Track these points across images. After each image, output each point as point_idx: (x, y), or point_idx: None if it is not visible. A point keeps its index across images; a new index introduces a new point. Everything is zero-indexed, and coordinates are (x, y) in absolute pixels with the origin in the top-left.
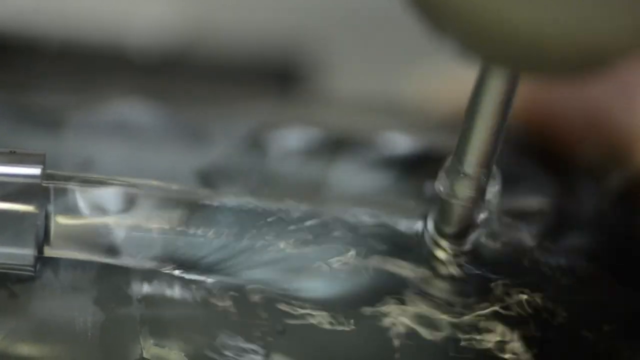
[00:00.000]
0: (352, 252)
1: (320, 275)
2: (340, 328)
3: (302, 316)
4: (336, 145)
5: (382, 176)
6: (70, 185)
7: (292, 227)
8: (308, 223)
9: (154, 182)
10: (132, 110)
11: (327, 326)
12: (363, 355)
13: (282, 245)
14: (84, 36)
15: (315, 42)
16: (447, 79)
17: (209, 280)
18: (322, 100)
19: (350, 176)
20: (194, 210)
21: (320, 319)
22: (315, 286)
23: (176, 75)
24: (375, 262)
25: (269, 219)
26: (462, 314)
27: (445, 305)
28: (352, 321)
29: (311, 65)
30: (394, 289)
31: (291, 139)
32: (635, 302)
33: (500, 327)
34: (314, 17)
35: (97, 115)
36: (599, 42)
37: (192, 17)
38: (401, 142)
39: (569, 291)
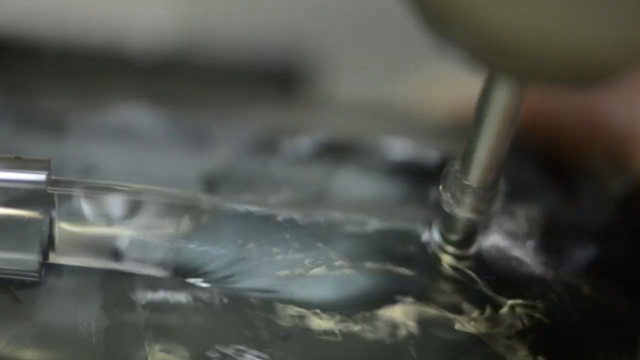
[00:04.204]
0: (356, 257)
1: (324, 280)
2: (343, 333)
3: (306, 321)
4: (338, 150)
5: (384, 181)
6: (75, 191)
7: (295, 232)
8: (311, 228)
9: (158, 188)
10: (134, 113)
11: (331, 331)
12: None
13: (285, 250)
14: (85, 39)
15: (317, 45)
16: (450, 84)
17: (213, 285)
18: (324, 105)
19: (353, 181)
20: (198, 216)
21: (324, 323)
22: (319, 291)
23: (178, 78)
24: (379, 267)
25: (272, 224)
26: (466, 320)
27: (449, 311)
28: (356, 326)
29: (313, 69)
30: (397, 294)
31: (293, 143)
32: (637, 309)
33: (503, 333)
34: (315, 21)
35: (99, 118)
36: (603, 55)
37: (193, 20)
38: (404, 147)
39: (572, 297)
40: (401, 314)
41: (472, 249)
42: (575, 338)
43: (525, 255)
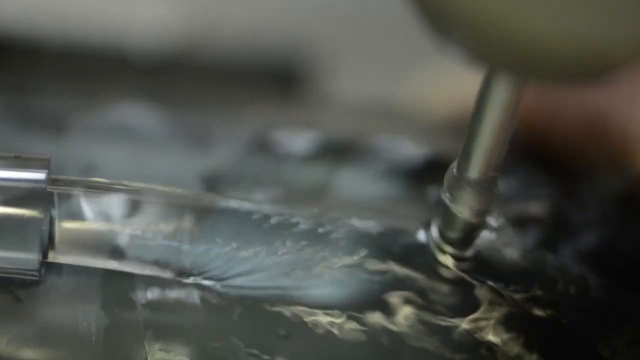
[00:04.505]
0: (356, 257)
1: (323, 279)
2: (343, 332)
3: (306, 320)
4: (338, 150)
5: (384, 180)
6: (75, 190)
7: (295, 232)
8: (311, 227)
9: (158, 187)
10: (134, 113)
11: (331, 330)
12: None
13: (285, 249)
14: (85, 39)
15: (317, 45)
16: (450, 83)
17: (213, 285)
18: (323, 104)
19: (353, 180)
20: (197, 214)
21: (324, 323)
22: (319, 291)
23: (178, 77)
24: (378, 266)
25: (273, 223)
26: (466, 319)
27: (448, 310)
28: (355, 326)
29: (313, 69)
30: (397, 294)
31: (293, 142)
32: (638, 306)
33: (503, 332)
34: (315, 20)
35: (99, 118)
36: (605, 50)
37: (193, 20)
38: (404, 147)
39: (571, 296)
40: (400, 313)
41: (471, 248)
42: (578, 335)
43: (525, 253)
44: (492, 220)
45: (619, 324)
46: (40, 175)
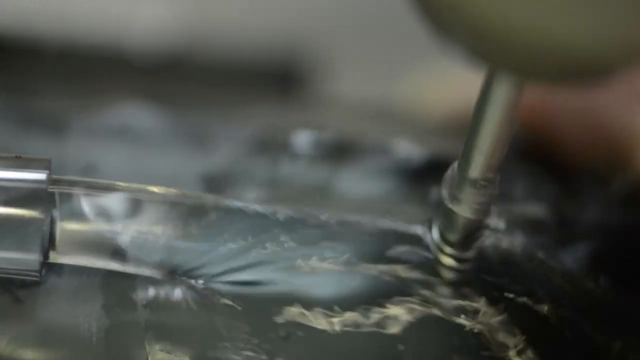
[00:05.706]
0: (356, 257)
1: (324, 279)
2: (344, 332)
3: (306, 321)
4: (338, 149)
5: (384, 180)
6: (76, 191)
7: (296, 231)
8: (312, 227)
9: (159, 188)
10: (135, 113)
11: (331, 330)
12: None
13: (286, 249)
14: (85, 39)
15: (317, 45)
16: (450, 83)
17: (214, 285)
18: (324, 104)
19: (353, 180)
20: (198, 215)
21: (325, 323)
22: (320, 291)
23: (178, 78)
24: (379, 266)
25: (273, 223)
26: (466, 319)
27: (448, 311)
28: (356, 325)
29: (313, 69)
30: (397, 293)
31: (294, 142)
32: (638, 306)
33: (503, 333)
34: (316, 20)
35: (99, 118)
36: (604, 50)
37: (193, 20)
38: (404, 147)
39: (572, 296)
40: (401, 313)
41: (472, 248)
42: (577, 335)
43: (525, 253)
44: (492, 221)
45: (619, 323)
46: (41, 175)
